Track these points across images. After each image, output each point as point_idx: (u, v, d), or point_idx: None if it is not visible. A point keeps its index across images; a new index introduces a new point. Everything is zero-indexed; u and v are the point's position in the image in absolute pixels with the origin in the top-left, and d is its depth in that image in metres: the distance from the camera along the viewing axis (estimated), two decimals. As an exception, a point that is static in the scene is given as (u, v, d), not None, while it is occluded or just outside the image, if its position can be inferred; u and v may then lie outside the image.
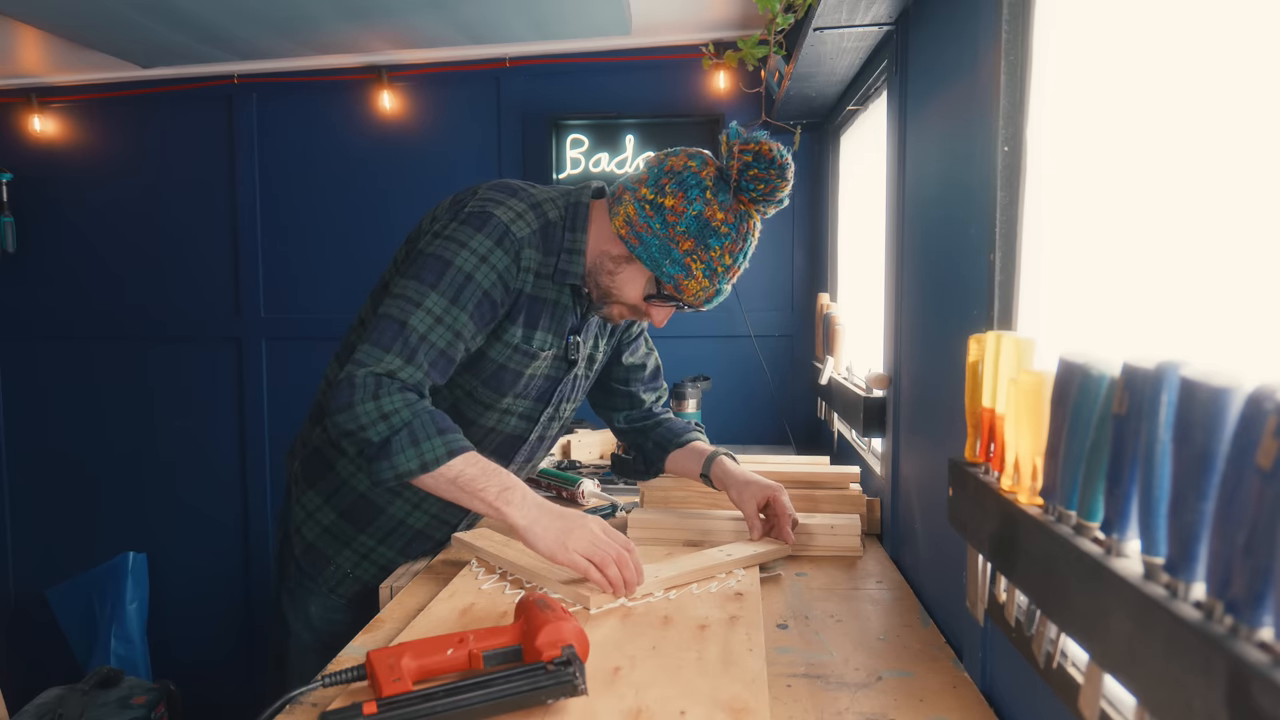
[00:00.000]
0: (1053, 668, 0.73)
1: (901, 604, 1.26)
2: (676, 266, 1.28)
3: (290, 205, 2.96)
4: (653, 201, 1.27)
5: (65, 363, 3.15)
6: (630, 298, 1.34)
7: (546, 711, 0.87)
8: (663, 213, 1.26)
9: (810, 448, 2.52)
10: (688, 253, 1.27)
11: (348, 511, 1.42)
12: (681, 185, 1.26)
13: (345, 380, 1.18)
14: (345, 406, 1.16)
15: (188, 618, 3.10)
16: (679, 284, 1.29)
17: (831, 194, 2.51)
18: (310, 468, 1.44)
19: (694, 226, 1.26)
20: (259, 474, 3.03)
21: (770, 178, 1.24)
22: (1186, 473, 0.48)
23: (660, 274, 1.29)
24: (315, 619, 1.47)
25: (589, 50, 2.73)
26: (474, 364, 1.33)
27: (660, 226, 1.26)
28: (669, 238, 1.26)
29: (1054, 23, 0.93)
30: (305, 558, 1.46)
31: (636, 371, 1.63)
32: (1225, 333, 0.63)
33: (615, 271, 1.33)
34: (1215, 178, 0.65)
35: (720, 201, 1.26)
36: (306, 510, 1.45)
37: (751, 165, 1.23)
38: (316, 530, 1.44)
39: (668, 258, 1.27)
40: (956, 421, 1.00)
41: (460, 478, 1.17)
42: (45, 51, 2.76)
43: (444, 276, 1.23)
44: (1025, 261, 0.96)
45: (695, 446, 1.58)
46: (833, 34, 1.64)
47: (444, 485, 1.18)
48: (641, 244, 1.28)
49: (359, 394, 1.16)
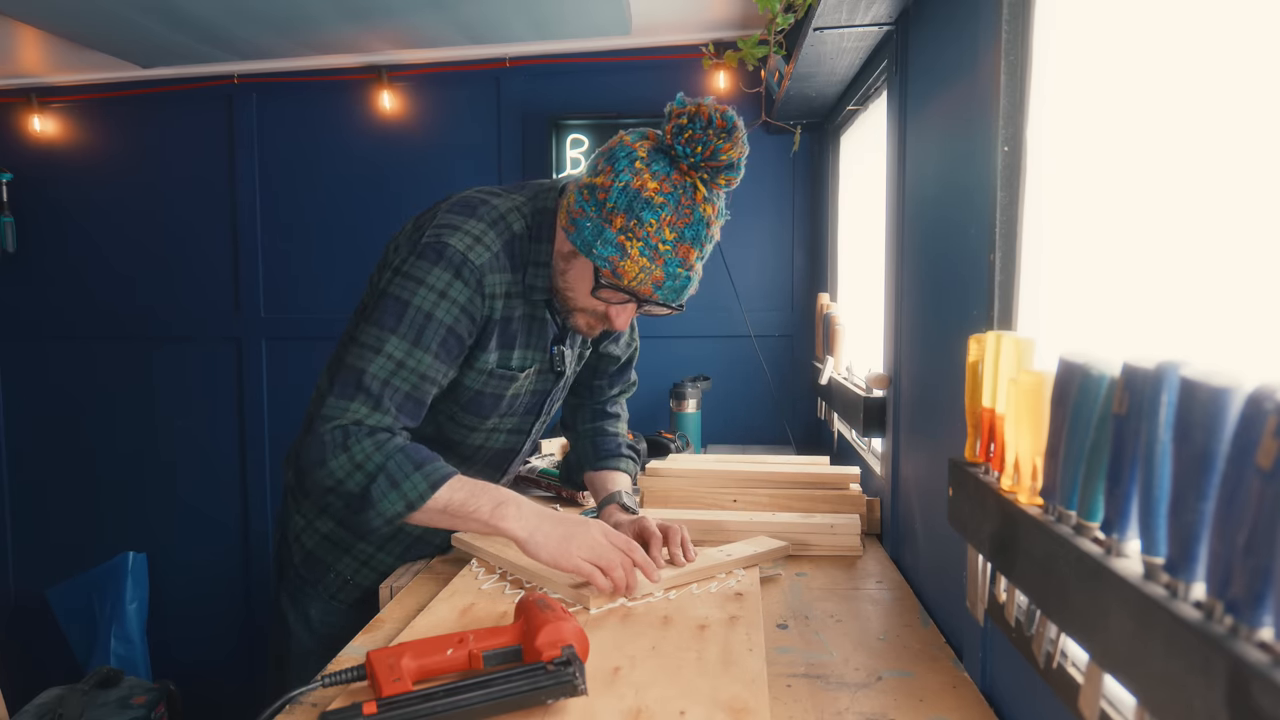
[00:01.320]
0: (1053, 668, 0.73)
1: (901, 604, 1.26)
2: (609, 247, 1.15)
3: (290, 205, 2.96)
4: (587, 184, 1.18)
5: (65, 363, 3.15)
6: (582, 296, 1.25)
7: (546, 712, 0.87)
8: (595, 192, 1.16)
9: (810, 448, 2.52)
10: (621, 229, 1.15)
11: (346, 519, 1.41)
12: (610, 159, 1.17)
13: (314, 440, 1.16)
14: (319, 464, 1.14)
15: (188, 618, 3.10)
16: (615, 266, 1.16)
17: (831, 194, 2.51)
18: None
19: (622, 200, 1.14)
20: (259, 474, 3.03)
21: (708, 139, 1.11)
22: (1186, 473, 0.48)
23: (592, 257, 1.17)
24: (315, 620, 1.47)
25: (589, 50, 2.73)
26: (451, 392, 1.31)
27: (593, 208, 1.16)
28: (600, 218, 1.16)
29: (1054, 23, 0.93)
30: (305, 565, 1.45)
31: (608, 363, 1.60)
32: (1225, 333, 0.63)
33: (566, 270, 1.25)
34: (1215, 177, 0.65)
35: (653, 171, 1.14)
36: (306, 519, 1.45)
37: (686, 128, 1.12)
38: (316, 538, 1.44)
39: (599, 238, 1.16)
40: (956, 421, 1.00)
41: (450, 505, 1.16)
42: (45, 51, 2.76)
43: (403, 319, 1.18)
44: (1025, 261, 0.96)
45: (606, 477, 1.53)
46: (833, 34, 1.64)
47: (435, 517, 1.17)
48: (577, 230, 1.18)
49: (329, 450, 1.14)
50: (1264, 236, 0.59)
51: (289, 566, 1.48)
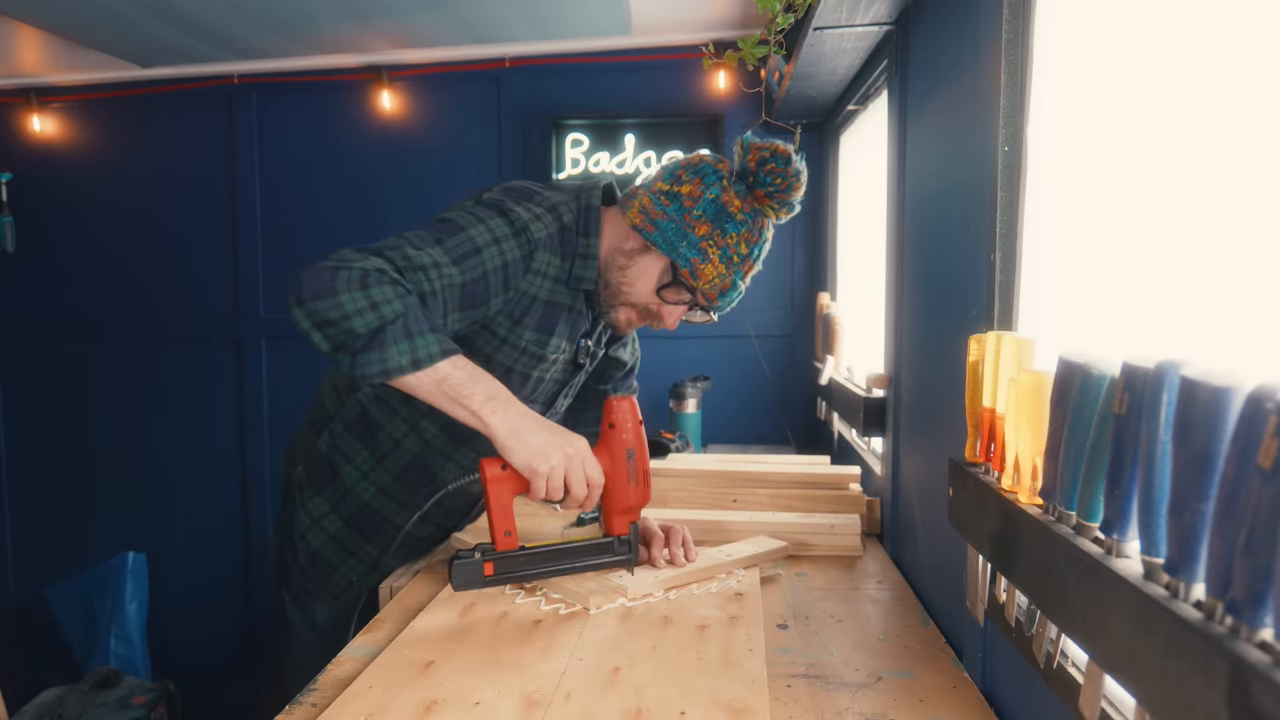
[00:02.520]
0: (1053, 668, 0.73)
1: (901, 604, 1.26)
2: (693, 250, 1.27)
3: (290, 205, 2.96)
4: (668, 191, 1.28)
5: (65, 363, 3.15)
6: (642, 292, 1.32)
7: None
8: (679, 199, 1.27)
9: (810, 448, 2.52)
10: (704, 237, 1.27)
11: (352, 520, 1.41)
12: (698, 173, 1.28)
13: (323, 274, 1.08)
14: (326, 292, 1.06)
15: (187, 618, 3.10)
16: (695, 268, 1.27)
17: (831, 194, 2.51)
18: (315, 474, 1.43)
19: (710, 210, 1.26)
20: (259, 474, 3.03)
21: (786, 174, 1.26)
22: (1187, 473, 0.48)
23: (676, 257, 1.27)
24: (320, 621, 1.46)
25: (589, 50, 2.73)
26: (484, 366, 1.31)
27: (676, 211, 1.27)
28: (684, 222, 1.26)
29: (1054, 22, 0.93)
30: (310, 565, 1.44)
31: (615, 368, 1.60)
32: (1225, 333, 0.63)
33: (628, 266, 1.31)
34: (1215, 177, 0.65)
35: (736, 190, 1.28)
36: (312, 517, 1.43)
37: (769, 160, 1.26)
38: (322, 538, 1.43)
39: (684, 240, 1.27)
40: (956, 421, 1.00)
41: (447, 381, 1.10)
42: (45, 51, 2.76)
43: (454, 238, 1.18)
44: (1025, 261, 0.96)
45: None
46: (833, 34, 1.64)
47: (428, 387, 1.10)
48: (657, 229, 1.27)
49: (342, 284, 1.07)
50: (1264, 236, 0.59)
51: (293, 568, 1.47)
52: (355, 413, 1.38)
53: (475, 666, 0.97)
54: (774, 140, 1.27)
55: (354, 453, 1.39)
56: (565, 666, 0.96)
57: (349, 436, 1.39)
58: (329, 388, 1.44)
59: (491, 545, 1.17)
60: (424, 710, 0.86)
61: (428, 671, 0.95)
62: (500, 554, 1.16)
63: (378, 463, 1.38)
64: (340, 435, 1.39)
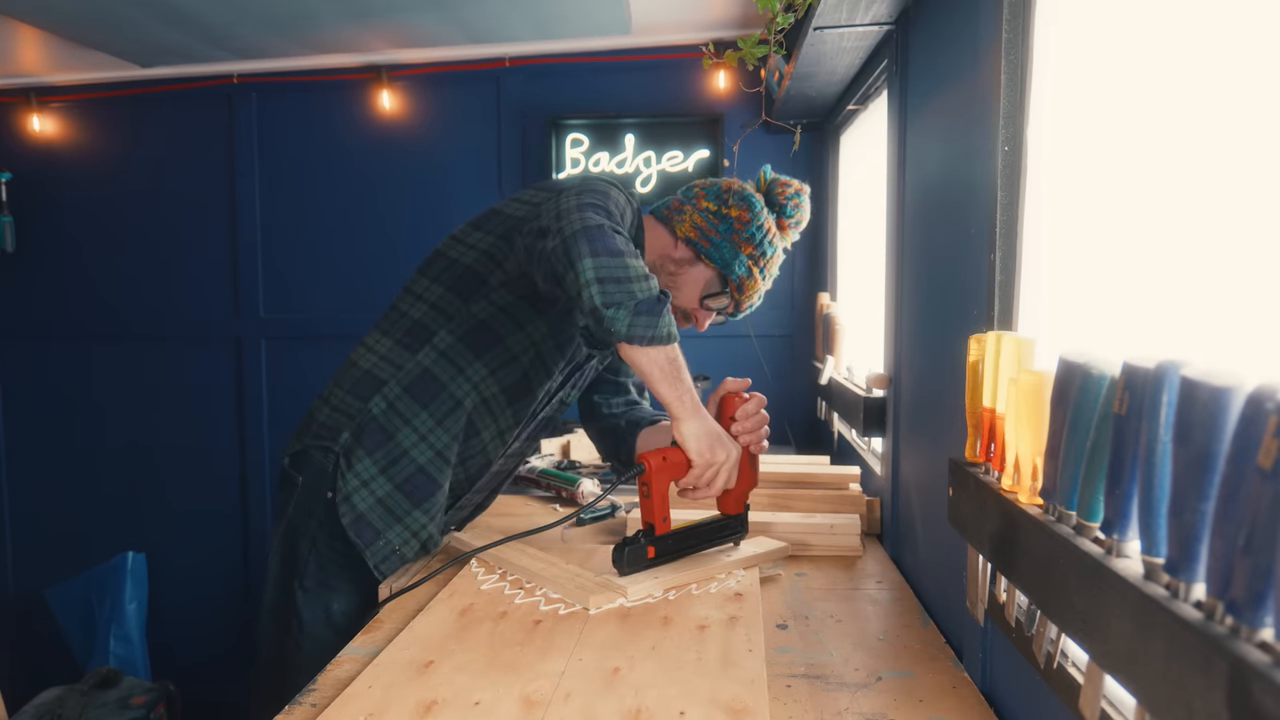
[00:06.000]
0: (1053, 668, 0.73)
1: (901, 604, 1.26)
2: (744, 268, 1.47)
3: (290, 204, 2.96)
4: (717, 212, 1.47)
5: (65, 362, 3.15)
6: (687, 298, 1.49)
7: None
8: (728, 221, 1.46)
9: (810, 448, 2.52)
10: (750, 256, 1.47)
11: (405, 484, 1.39)
12: (745, 201, 1.47)
13: (603, 228, 1.16)
14: (615, 251, 1.15)
15: (187, 618, 3.10)
16: (742, 284, 1.48)
17: (831, 194, 2.51)
18: (368, 435, 1.40)
19: (758, 235, 1.47)
20: (259, 474, 3.03)
21: (804, 206, 1.51)
22: (1187, 473, 0.48)
23: (730, 273, 1.47)
24: (336, 612, 1.44)
25: (589, 50, 2.73)
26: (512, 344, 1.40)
27: (727, 231, 1.46)
28: (734, 243, 1.46)
29: (1054, 22, 0.93)
30: (354, 528, 1.40)
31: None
32: (1225, 333, 0.63)
33: (677, 273, 1.48)
34: (1215, 177, 0.65)
35: (772, 219, 1.50)
36: (361, 479, 1.40)
37: (794, 196, 1.50)
38: (370, 501, 1.40)
39: (735, 259, 1.46)
40: (956, 421, 1.00)
41: (676, 360, 1.20)
42: (45, 51, 2.75)
43: (607, 201, 1.25)
44: (1025, 261, 0.96)
45: (665, 425, 1.60)
46: (833, 33, 1.64)
47: (661, 361, 1.19)
48: (712, 246, 1.46)
49: (624, 243, 1.17)
50: (1264, 236, 0.59)
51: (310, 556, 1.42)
52: (415, 374, 1.39)
53: (475, 666, 0.97)
54: (793, 179, 1.51)
55: (412, 414, 1.39)
56: (565, 666, 0.96)
57: (407, 399, 1.39)
58: (373, 358, 1.43)
59: (651, 529, 1.26)
60: (424, 710, 0.86)
61: (427, 671, 0.95)
62: (659, 537, 1.26)
63: (437, 423, 1.39)
64: (398, 398, 1.39)
